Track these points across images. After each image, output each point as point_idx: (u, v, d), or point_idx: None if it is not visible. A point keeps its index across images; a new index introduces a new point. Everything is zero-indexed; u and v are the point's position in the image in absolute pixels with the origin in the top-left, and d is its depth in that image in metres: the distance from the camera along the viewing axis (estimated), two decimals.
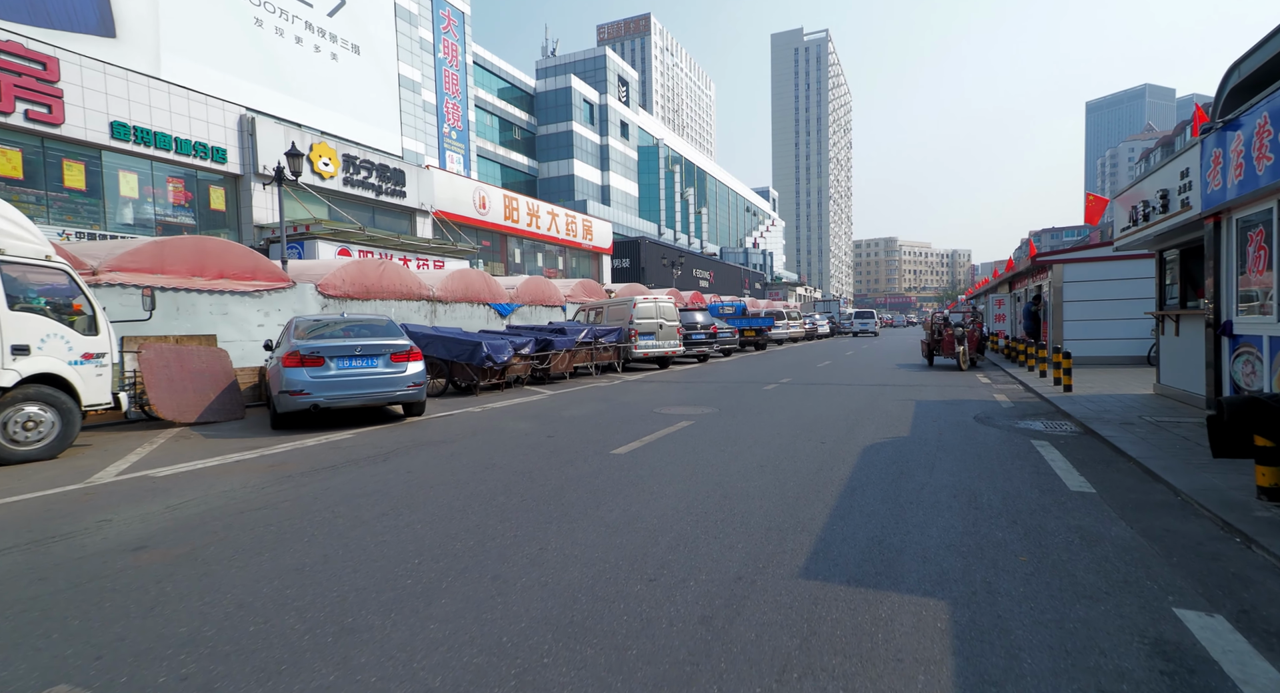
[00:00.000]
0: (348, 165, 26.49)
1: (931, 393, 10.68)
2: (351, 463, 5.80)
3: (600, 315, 17.76)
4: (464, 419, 8.57)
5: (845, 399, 10.04)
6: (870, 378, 13.61)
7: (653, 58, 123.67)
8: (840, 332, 49.37)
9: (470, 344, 11.31)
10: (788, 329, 34.12)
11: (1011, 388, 11.43)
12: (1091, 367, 13.94)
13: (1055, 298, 15.30)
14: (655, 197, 73.34)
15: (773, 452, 6.05)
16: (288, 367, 7.37)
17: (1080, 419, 7.23)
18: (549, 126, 61.60)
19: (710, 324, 20.05)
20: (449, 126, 46.26)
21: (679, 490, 4.70)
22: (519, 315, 17.91)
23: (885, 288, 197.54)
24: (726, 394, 11.01)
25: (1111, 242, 15.36)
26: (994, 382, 12.54)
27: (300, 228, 22.23)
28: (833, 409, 8.90)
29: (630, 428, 7.53)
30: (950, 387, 11.64)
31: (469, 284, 15.83)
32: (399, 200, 29.37)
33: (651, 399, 10.41)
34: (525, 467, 5.56)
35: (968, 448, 6.11)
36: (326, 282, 12.03)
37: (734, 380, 13.57)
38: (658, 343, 16.86)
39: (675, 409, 9.13)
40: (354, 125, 32.02)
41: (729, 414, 8.60)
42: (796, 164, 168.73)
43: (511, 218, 37.51)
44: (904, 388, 11.52)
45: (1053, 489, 4.60)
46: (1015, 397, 10.12)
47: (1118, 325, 14.70)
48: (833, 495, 4.52)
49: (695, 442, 6.62)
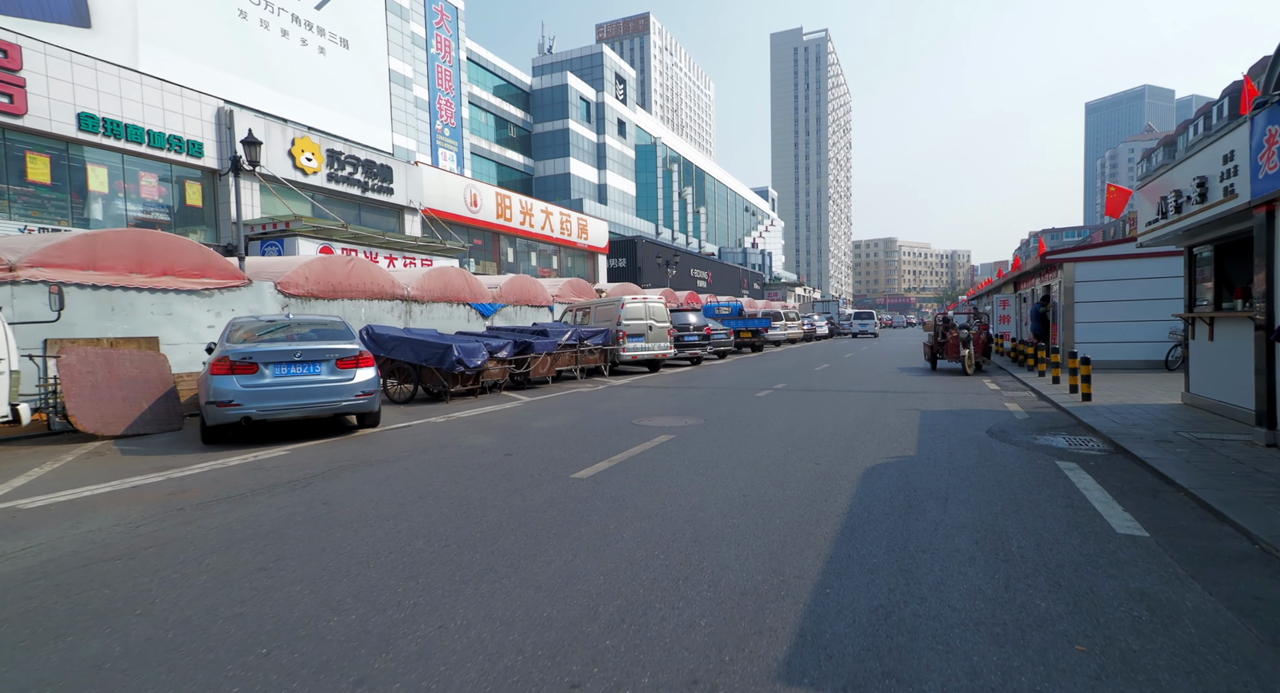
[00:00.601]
0: (332, 161, 25.64)
1: (937, 401, 9.85)
2: (264, 490, 4.96)
3: (588, 316, 16.93)
4: (421, 432, 7.74)
5: (843, 408, 9.21)
6: (870, 383, 12.78)
7: (651, 57, 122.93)
8: (839, 333, 48.55)
9: (440, 347, 10.47)
10: (785, 330, 33.30)
11: (1023, 395, 10.60)
12: (1104, 372, 13.12)
13: (1065, 298, 14.47)
14: (653, 196, 72.53)
15: (759, 477, 5.22)
16: (215, 374, 6.53)
17: (1108, 435, 6.40)
18: (545, 125, 60.79)
19: (704, 325, 19.23)
20: (442, 123, 45.43)
21: (640, 531, 3.86)
22: (503, 316, 17.08)
23: (885, 288, 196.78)
24: (715, 402, 10.18)
25: (1123, 239, 14.59)
26: (1003, 389, 11.71)
27: (280, 225, 21.39)
28: (829, 420, 8.08)
29: (601, 444, 6.70)
30: (957, 394, 10.81)
31: (448, 283, 14.99)
32: (386, 197, 28.50)
33: (633, 408, 9.58)
34: (466, 496, 4.73)
35: (985, 472, 5.28)
36: (288, 279, 11.19)
37: (725, 386, 12.73)
38: (647, 345, 16.02)
39: (657, 420, 8.29)
40: (342, 121, 31.19)
41: (715, 427, 7.77)
42: (796, 164, 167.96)
43: (504, 216, 36.67)
44: (907, 395, 10.70)
45: (1095, 531, 3.76)
46: (1029, 406, 9.29)
47: (1132, 328, 13.88)
48: (827, 540, 3.69)
49: (671, 463, 5.78)
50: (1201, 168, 6.65)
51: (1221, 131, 6.29)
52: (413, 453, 6.35)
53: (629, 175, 68.73)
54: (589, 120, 63.49)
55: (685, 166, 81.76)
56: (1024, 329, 20.85)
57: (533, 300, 18.50)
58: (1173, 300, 13.35)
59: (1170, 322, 13.27)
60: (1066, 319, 14.47)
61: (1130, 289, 13.80)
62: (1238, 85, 59.22)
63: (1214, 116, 63.81)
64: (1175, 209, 7.22)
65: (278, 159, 23.44)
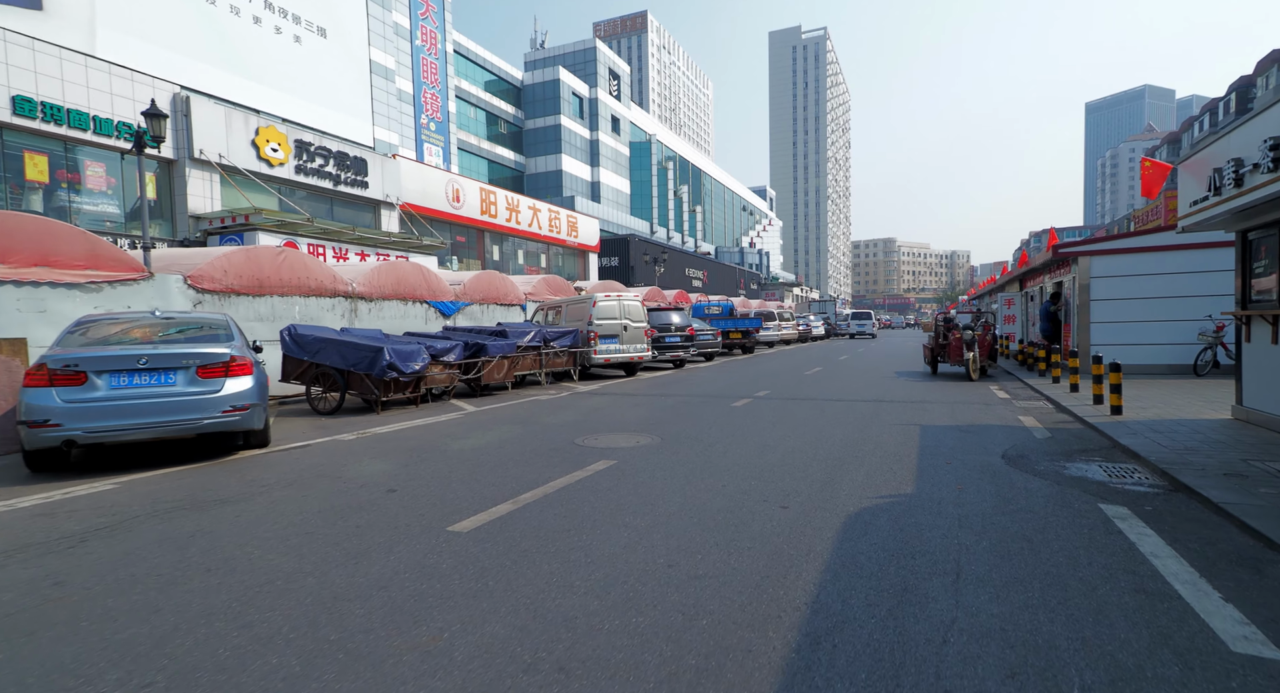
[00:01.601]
0: (300, 152, 24.23)
1: (939, 413, 8.48)
2: (2, 556, 3.59)
3: (559, 315, 15.56)
4: (312, 456, 6.36)
5: (830, 423, 7.85)
6: (864, 390, 11.41)
7: (649, 56, 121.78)
8: (837, 333, 47.20)
9: (370, 350, 9.10)
10: (779, 331, 31.93)
11: (1038, 406, 9.22)
12: (1123, 377, 11.76)
13: (1080, 296, 13.11)
14: (648, 194, 71.24)
15: (702, 529, 3.85)
16: (30, 386, 5.16)
17: (1159, 465, 5.04)
18: (536, 121, 59.49)
19: (687, 326, 17.86)
20: (427, 117, 44.10)
21: (483, 644, 2.50)
22: (467, 315, 15.71)
23: (884, 289, 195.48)
24: (683, 414, 8.81)
25: (1142, 230, 13.24)
26: (1014, 397, 10.33)
27: (240, 219, 20.02)
28: (811, 440, 6.71)
29: (520, 474, 5.33)
30: (962, 404, 9.43)
31: (401, 278, 13.61)
32: (360, 191, 27.10)
33: (586, 421, 8.21)
34: (279, 568, 3.35)
35: (1007, 522, 3.91)
36: (201, 273, 9.82)
37: (701, 393, 11.36)
38: (621, 347, 14.64)
39: (604, 439, 6.92)
40: (319, 113, 29.76)
41: (671, 448, 6.39)
42: (794, 163, 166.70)
43: (489, 212, 35.28)
44: (905, 406, 9.32)
45: (1196, 648, 2.39)
46: (1048, 420, 7.92)
47: (1155, 328, 12.52)
48: (777, 659, 2.33)
49: (593, 506, 4.41)
50: (1274, 127, 5.30)
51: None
52: (272, 488, 4.98)
53: (623, 173, 67.42)
54: (581, 116, 62.16)
55: (681, 164, 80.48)
56: (1031, 330, 19.49)
57: (502, 298, 17.12)
58: (1204, 298, 11.99)
59: (1199, 321, 11.91)
60: (1081, 319, 13.11)
61: (1153, 285, 12.43)
62: (1245, 80, 57.94)
63: (1220, 113, 62.56)
64: (1235, 182, 5.86)
65: (240, 149, 22.09)
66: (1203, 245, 11.79)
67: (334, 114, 32.08)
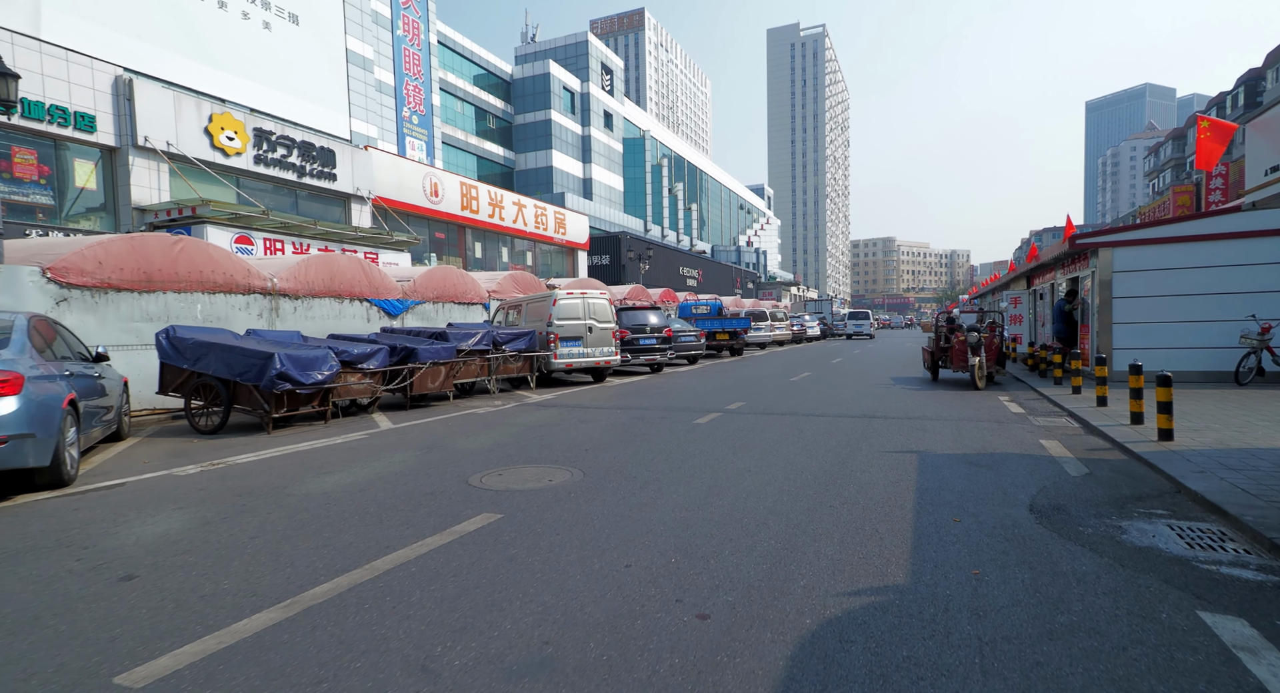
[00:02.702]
0: (260, 141, 22.61)
1: (942, 435, 6.92)
2: None
3: (520, 314, 14.02)
4: (98, 504, 4.80)
5: (806, 449, 6.29)
6: (854, 401, 9.86)
7: (647, 53, 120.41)
8: (833, 334, 45.64)
9: (258, 357, 7.56)
10: (771, 331, 30.36)
11: (1061, 425, 7.65)
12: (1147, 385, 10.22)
13: (1101, 293, 11.56)
14: (641, 191, 69.69)
15: (546, 675, 2.31)
16: None
17: (1257, 528, 3.49)
18: (526, 115, 57.95)
19: (664, 326, 16.30)
20: (409, 110, 42.57)
21: None
22: (418, 315, 14.15)
23: (883, 288, 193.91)
24: (630, 436, 7.25)
25: (1172, 218, 11.69)
26: (1029, 412, 8.75)
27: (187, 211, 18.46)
28: (778, 476, 5.15)
29: (350, 542, 3.78)
30: (969, 422, 7.87)
31: (335, 273, 12.05)
32: (328, 184, 25.50)
33: (505, 447, 6.66)
34: None
35: (1060, 662, 2.35)
36: (66, 264, 8.27)
37: (665, 406, 9.80)
38: (585, 351, 13.08)
39: (508, 476, 5.35)
40: (290, 102, 28.12)
41: (587, 492, 4.82)
42: (793, 162, 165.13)
43: (469, 208, 33.71)
44: (900, 424, 7.77)
45: None
46: (1078, 446, 6.35)
47: (1188, 330, 10.96)
48: None
49: (413, 606, 2.85)
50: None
51: None
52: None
53: (616, 169, 65.92)
54: (573, 112, 60.65)
55: (677, 162, 78.97)
56: (1040, 331, 17.94)
57: (460, 296, 15.55)
58: (1245, 295, 10.44)
59: (1241, 322, 10.36)
60: (1102, 319, 11.56)
61: (1186, 281, 10.88)
62: (1254, 72, 56.42)
63: (1228, 106, 61.07)
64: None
65: (191, 137, 20.51)
66: (1245, 235, 10.25)
67: (307, 105, 30.46)
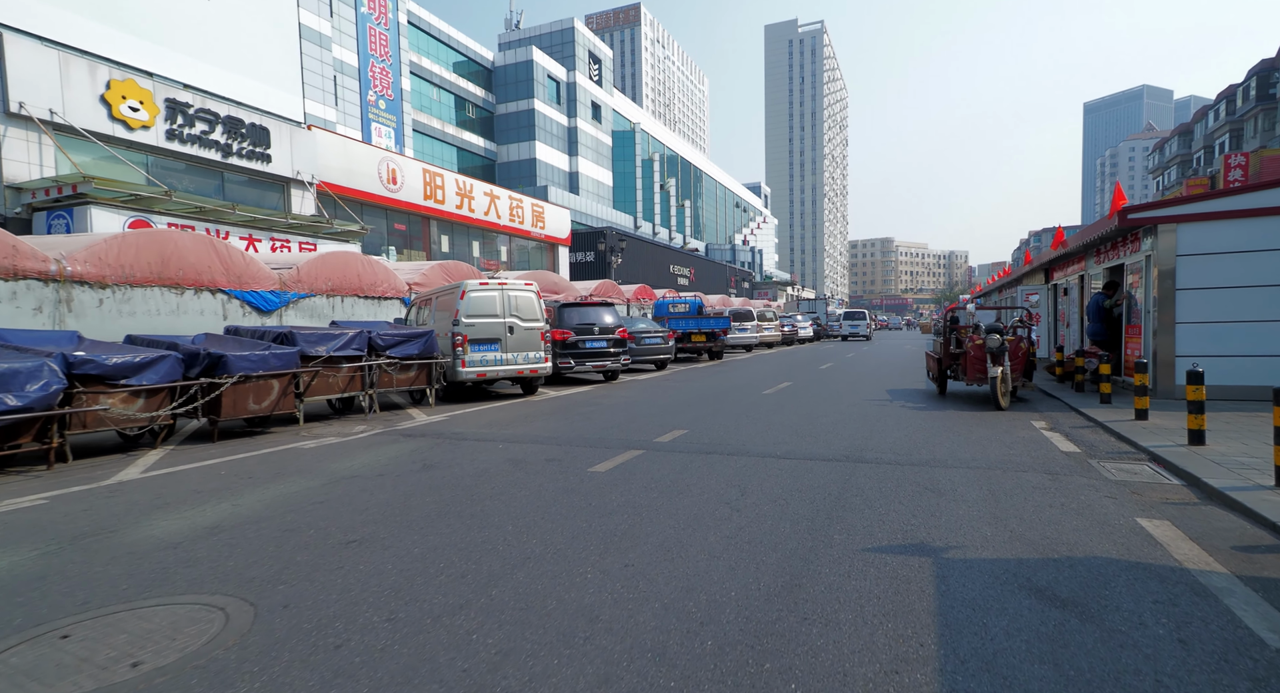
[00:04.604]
0: (173, 114, 19.82)
1: (971, 508, 4.22)
2: None
3: (430, 310, 11.35)
4: None
5: (730, 542, 3.59)
6: (835, 430, 7.21)
7: (643, 49, 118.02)
8: (828, 335, 42.97)
9: None
10: (759, 332, 27.67)
11: (1150, 480, 4.95)
12: (1225, 404, 7.57)
13: (1160, 285, 8.91)
14: (631, 186, 67.02)
15: None
16: None
17: None
18: (508, 105, 55.25)
19: (618, 327, 13.62)
20: (375, 94, 39.88)
21: None
22: (304, 310, 11.44)
23: (881, 289, 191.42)
24: (459, 504, 4.56)
25: (1257, 184, 9.00)
26: (1090, 453, 6.04)
27: (67, 188, 15.71)
28: (650, 630, 2.53)
29: None
30: (1006, 474, 5.20)
31: (170, 256, 9.28)
32: (261, 166, 22.66)
33: (196, 546, 4.02)
34: None
35: None
36: None
37: (568, 438, 7.14)
38: (504, 357, 10.40)
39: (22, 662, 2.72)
40: (227, 78, 25.28)
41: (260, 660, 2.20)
42: (790, 161, 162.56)
43: (434, 197, 30.94)
44: (900, 476, 5.11)
45: None
46: (1212, 533, 3.62)
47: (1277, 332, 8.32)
48: None
49: None
50: None
51: None
52: None
53: (604, 163, 63.27)
54: (558, 102, 57.96)
55: (670, 157, 76.39)
56: (1063, 332, 15.29)
57: (368, 288, 12.85)
58: None
59: None
60: (1163, 318, 8.90)
61: (1279, 266, 8.24)
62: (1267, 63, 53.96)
63: (1239, 99, 58.61)
64: None
65: (83, 105, 17.73)
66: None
67: (251, 82, 27.55)
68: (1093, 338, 10.99)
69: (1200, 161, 67.36)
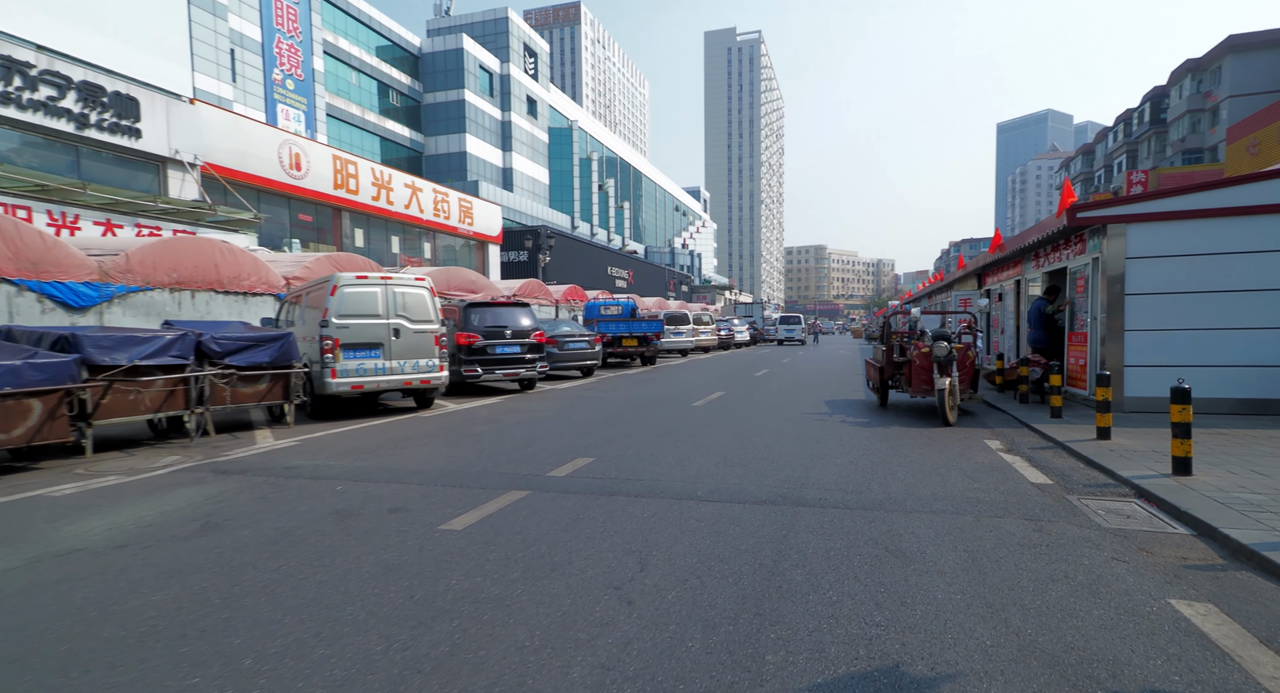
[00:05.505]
0: (7, 74, 16.81)
1: (956, 598, 3.05)
2: None
3: (301, 306, 9.51)
4: None
5: (632, 639, 2.29)
6: (771, 454, 6.03)
7: (583, 49, 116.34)
8: (764, 339, 42.73)
9: None
10: (694, 337, 26.70)
11: (1171, 543, 3.96)
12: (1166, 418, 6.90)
13: (1108, 290, 8.27)
14: (569, 185, 65.25)
15: None
16: None
17: None
18: (437, 94, 52.45)
19: (535, 330, 12.12)
20: (282, 73, 36.59)
21: None
22: (134, 307, 9.35)
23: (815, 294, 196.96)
24: (232, 586, 3.06)
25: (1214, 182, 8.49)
26: (1064, 485, 5.09)
27: None
28: None
29: None
30: (980, 521, 4.11)
31: None
32: (130, 141, 19.70)
33: None
34: None
35: None
36: None
37: (443, 471, 5.66)
38: (387, 366, 8.73)
39: None
40: (95, 42, 21.92)
41: None
42: (729, 167, 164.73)
43: (346, 187, 28.28)
44: (848, 519, 3.92)
45: None
46: (1252, 614, 2.68)
47: (1233, 341, 7.80)
48: None
49: None
50: None
51: None
52: None
53: (540, 161, 61.27)
54: (491, 94, 55.56)
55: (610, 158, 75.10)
56: (998, 339, 14.90)
57: (229, 283, 10.79)
58: None
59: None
60: (1112, 325, 8.25)
61: (1235, 271, 7.70)
62: (1159, 90, 57.93)
63: (1134, 123, 62.85)
64: None
65: None
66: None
67: (126, 49, 24.20)
68: (1034, 346, 10.39)
69: (1101, 179, 71.95)
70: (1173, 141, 54.43)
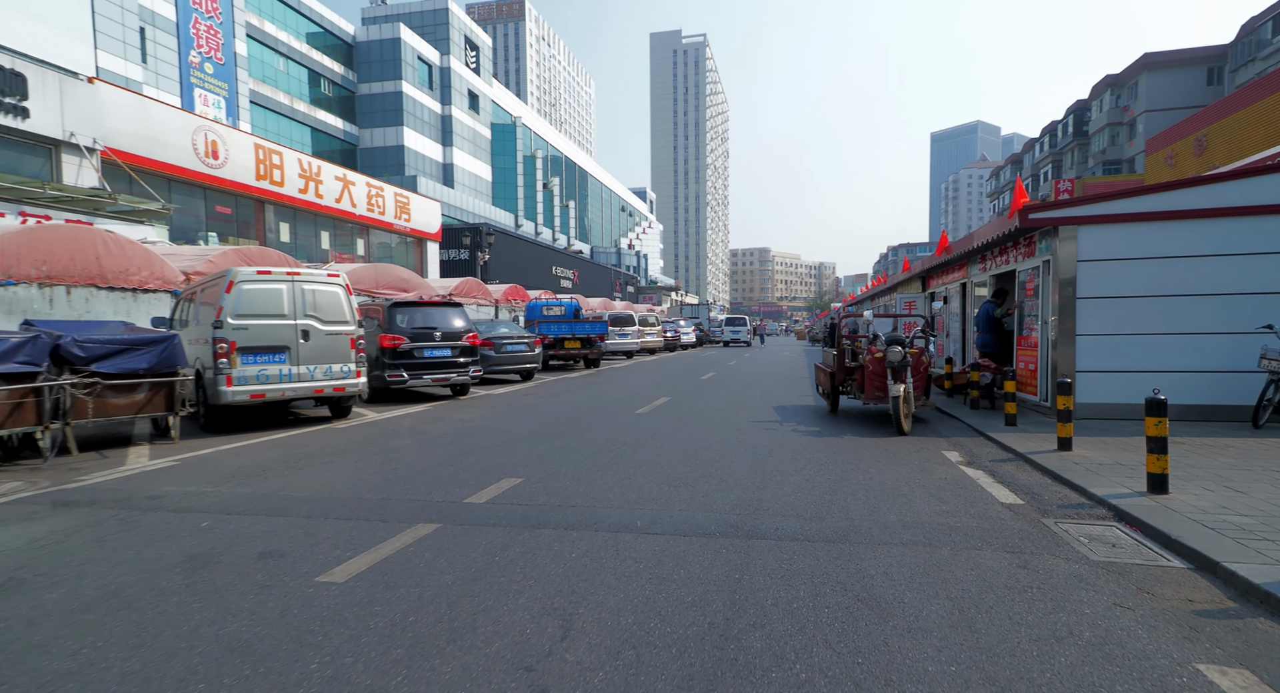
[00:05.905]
0: None
1: (949, 670, 2.50)
2: None
3: (195, 303, 8.35)
4: None
5: None
6: (720, 471, 5.45)
7: (528, 46, 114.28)
8: (710, 340, 42.66)
9: None
10: (640, 338, 26.14)
11: (1170, 579, 3.55)
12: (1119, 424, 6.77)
13: (1060, 293, 8.13)
14: (512, 183, 63.66)
15: None
16: None
17: None
18: (372, 85, 50.09)
19: (467, 332, 11.21)
20: (200, 55, 33.94)
21: None
22: None
23: (759, 297, 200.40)
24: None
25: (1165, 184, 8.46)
26: (1037, 506, 4.68)
27: None
28: None
29: None
30: (954, 555, 3.62)
31: None
32: (15, 121, 17.56)
33: None
34: None
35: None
36: None
37: (339, 499, 4.83)
38: (293, 372, 7.71)
39: None
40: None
41: None
42: (675, 168, 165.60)
43: (270, 178, 26.29)
44: (809, 554, 3.35)
45: None
46: None
47: (1182, 347, 7.75)
48: None
49: None
50: None
51: None
52: None
53: (483, 157, 59.48)
54: (430, 86, 53.50)
55: (555, 156, 73.79)
56: (943, 342, 14.94)
57: (114, 278, 9.44)
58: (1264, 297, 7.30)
59: (1258, 335, 7.23)
60: (1064, 328, 8.11)
61: (1185, 275, 7.65)
62: (1081, 104, 61.31)
63: (1059, 134, 66.34)
64: None
65: None
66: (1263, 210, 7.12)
67: (15, 19, 21.62)
68: (982, 350, 10.28)
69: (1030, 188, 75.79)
70: (1094, 153, 57.59)
